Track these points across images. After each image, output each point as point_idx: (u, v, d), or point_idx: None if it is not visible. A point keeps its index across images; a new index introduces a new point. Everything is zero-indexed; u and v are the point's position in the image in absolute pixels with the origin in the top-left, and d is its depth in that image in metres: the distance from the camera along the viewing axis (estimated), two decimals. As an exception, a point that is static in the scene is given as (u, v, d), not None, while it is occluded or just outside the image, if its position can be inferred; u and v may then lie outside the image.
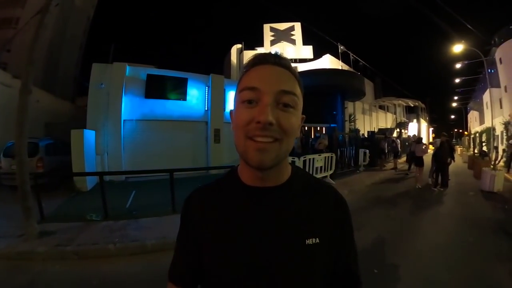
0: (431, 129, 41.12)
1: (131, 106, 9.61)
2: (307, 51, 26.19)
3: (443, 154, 7.90)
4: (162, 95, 10.27)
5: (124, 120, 9.47)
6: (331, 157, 8.50)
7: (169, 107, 10.40)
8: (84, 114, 9.60)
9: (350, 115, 16.63)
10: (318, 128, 15.58)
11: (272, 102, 0.53)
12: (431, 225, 4.90)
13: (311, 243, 0.58)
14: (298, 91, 0.58)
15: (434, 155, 8.20)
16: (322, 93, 14.59)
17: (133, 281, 2.90)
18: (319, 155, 8.02)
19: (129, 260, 3.42)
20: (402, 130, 23.84)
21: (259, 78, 0.55)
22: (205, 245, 0.62)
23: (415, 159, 8.78)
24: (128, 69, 9.68)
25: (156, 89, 10.03)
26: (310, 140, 11.15)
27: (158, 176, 6.82)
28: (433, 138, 29.55)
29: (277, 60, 0.57)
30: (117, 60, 9.91)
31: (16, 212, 5.11)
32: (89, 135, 8.31)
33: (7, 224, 4.56)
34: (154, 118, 10.04)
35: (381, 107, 26.51)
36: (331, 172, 8.47)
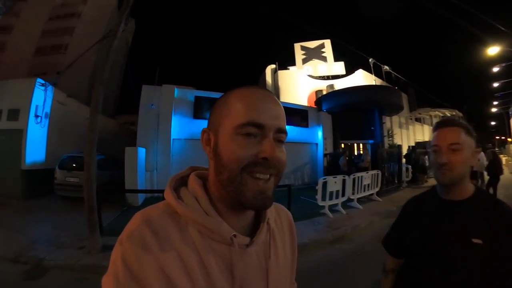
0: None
1: (180, 126, 10.08)
2: (339, 67, 26.29)
3: (497, 166, 7.33)
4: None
5: (173, 139, 9.93)
6: (377, 174, 8.32)
7: (216, 127, 10.81)
8: (125, 131, 10.13)
9: (388, 130, 16.16)
10: (361, 145, 15.33)
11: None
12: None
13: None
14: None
15: (487, 168, 7.59)
16: (359, 109, 14.51)
17: None
18: (366, 173, 7.88)
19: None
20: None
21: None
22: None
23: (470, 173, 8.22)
24: (176, 91, 10.25)
25: (203, 110, 10.51)
26: (353, 158, 10.95)
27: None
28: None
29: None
30: (159, 82, 10.61)
31: (71, 222, 5.45)
32: (140, 152, 8.74)
33: (65, 235, 4.75)
34: (202, 138, 10.43)
35: (417, 120, 25.46)
36: (377, 189, 8.26)
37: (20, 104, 8.80)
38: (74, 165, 8.02)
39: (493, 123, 45.56)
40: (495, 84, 23.17)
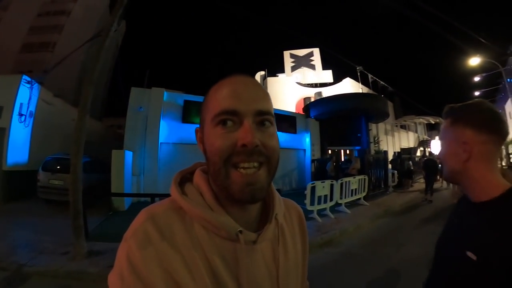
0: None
1: (168, 130, 9.93)
2: (327, 75, 26.96)
3: None
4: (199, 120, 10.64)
5: (161, 143, 9.75)
6: (364, 179, 8.51)
7: (205, 132, 10.71)
8: (111, 134, 9.89)
9: (374, 137, 16.53)
10: (348, 152, 15.58)
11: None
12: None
13: None
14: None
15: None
16: (346, 116, 14.81)
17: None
18: (353, 178, 8.05)
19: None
20: (425, 149, 23.53)
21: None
22: None
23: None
24: (166, 94, 10.10)
25: (193, 114, 10.39)
26: (340, 163, 11.11)
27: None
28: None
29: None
30: (148, 85, 10.49)
31: (54, 227, 5.27)
32: (127, 155, 8.53)
33: (48, 240, 4.55)
34: (190, 142, 10.13)
35: (402, 127, 26.23)
36: (364, 194, 8.43)
37: (4, 101, 8.46)
38: (58, 167, 7.75)
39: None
40: (477, 93, 24.28)
